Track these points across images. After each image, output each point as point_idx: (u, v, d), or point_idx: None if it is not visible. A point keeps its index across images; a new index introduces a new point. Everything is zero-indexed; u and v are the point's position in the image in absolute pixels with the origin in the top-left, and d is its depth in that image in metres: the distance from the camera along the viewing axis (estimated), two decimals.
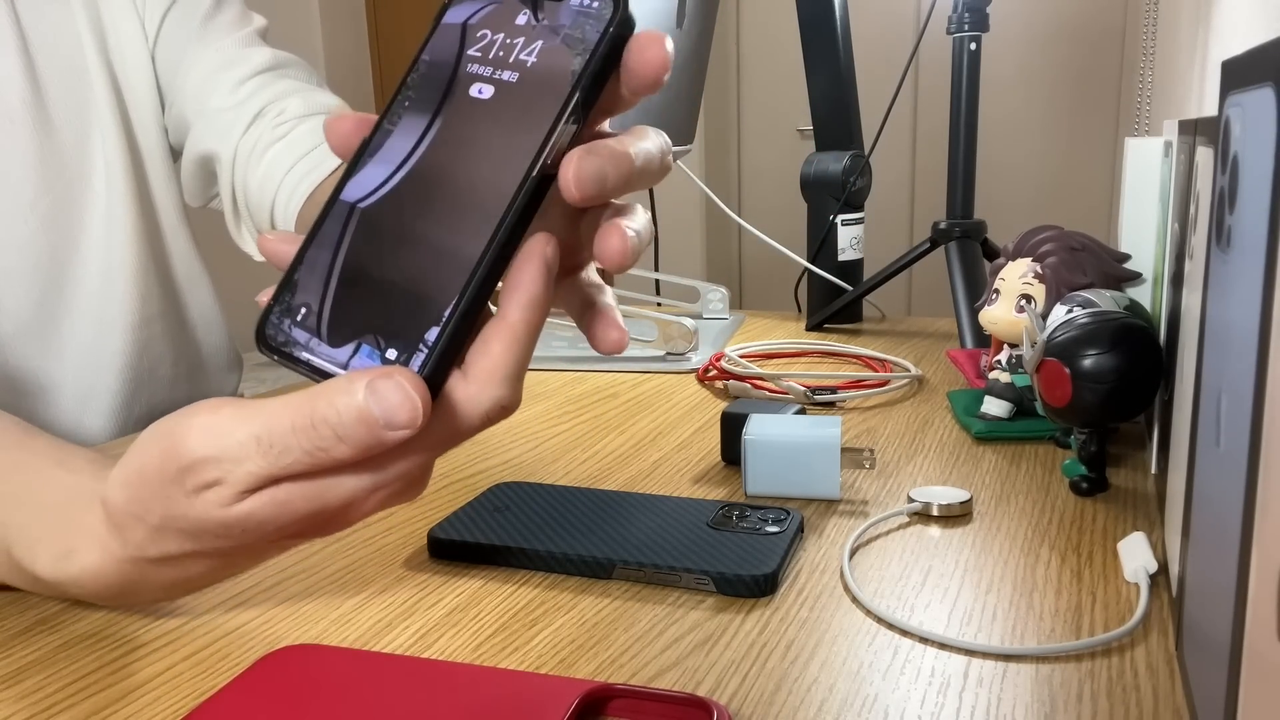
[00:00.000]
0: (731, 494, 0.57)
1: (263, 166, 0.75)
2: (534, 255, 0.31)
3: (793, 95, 3.38)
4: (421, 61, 0.33)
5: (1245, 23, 0.83)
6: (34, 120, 0.71)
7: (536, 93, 0.31)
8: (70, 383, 0.75)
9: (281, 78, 0.78)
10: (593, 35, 0.31)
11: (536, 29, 0.32)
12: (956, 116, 0.95)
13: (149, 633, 0.42)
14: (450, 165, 0.32)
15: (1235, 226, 0.28)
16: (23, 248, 0.71)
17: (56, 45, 0.73)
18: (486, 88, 0.32)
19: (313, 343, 0.31)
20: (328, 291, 0.32)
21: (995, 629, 0.41)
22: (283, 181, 0.75)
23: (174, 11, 0.77)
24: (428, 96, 0.33)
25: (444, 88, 0.33)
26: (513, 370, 0.31)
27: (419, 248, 0.31)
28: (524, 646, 0.41)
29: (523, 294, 0.31)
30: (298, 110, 0.76)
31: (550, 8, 0.32)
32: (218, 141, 0.76)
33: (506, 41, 0.33)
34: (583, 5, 0.32)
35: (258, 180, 0.76)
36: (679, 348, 0.90)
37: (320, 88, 0.80)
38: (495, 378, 0.31)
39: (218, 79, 0.77)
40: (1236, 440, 0.27)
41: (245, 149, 0.76)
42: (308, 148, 0.75)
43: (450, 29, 0.34)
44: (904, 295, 3.37)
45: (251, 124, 0.76)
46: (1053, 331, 0.54)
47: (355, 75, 3.65)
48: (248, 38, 0.79)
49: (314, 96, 0.78)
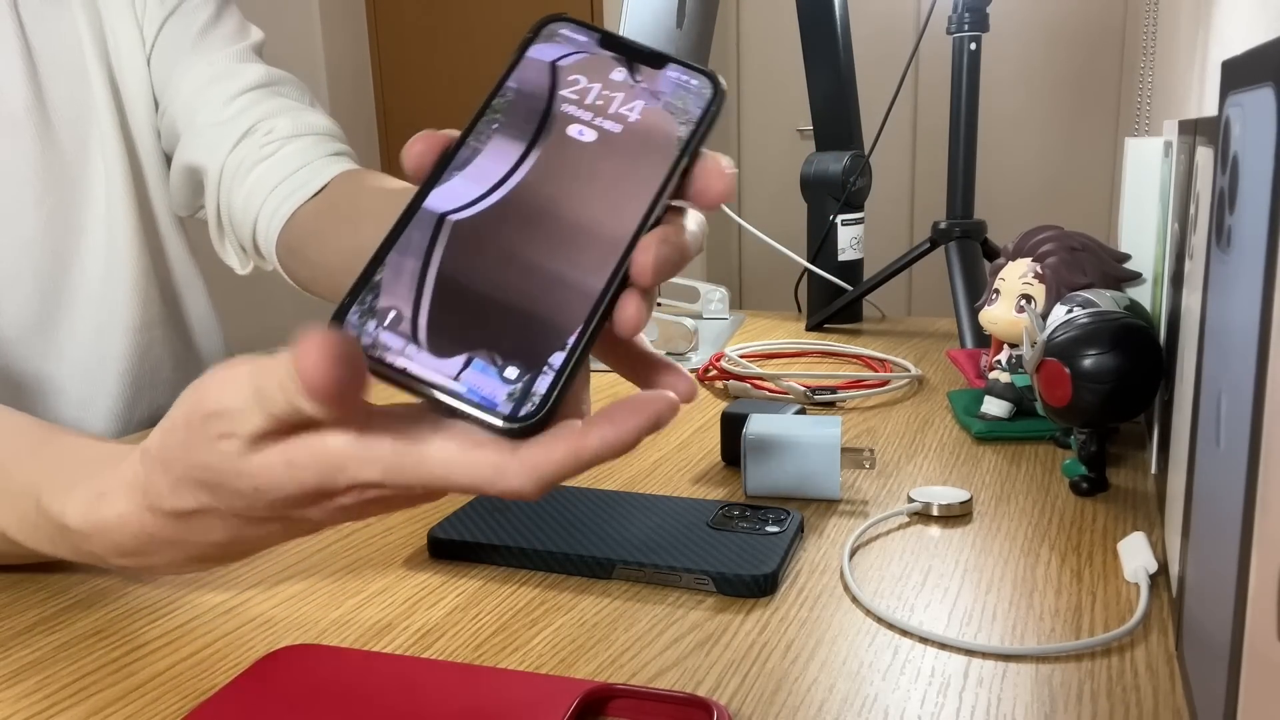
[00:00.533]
0: (731, 494, 0.57)
1: (247, 185, 0.75)
2: (649, 409, 0.30)
3: (793, 95, 3.38)
4: (508, 88, 0.34)
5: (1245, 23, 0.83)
6: (35, 124, 0.71)
7: (643, 150, 0.33)
8: (71, 386, 0.75)
9: (273, 95, 0.78)
10: (695, 109, 0.34)
11: (635, 89, 0.34)
12: (956, 116, 0.95)
13: (149, 633, 0.42)
14: (559, 198, 0.32)
15: (1235, 226, 0.28)
16: (23, 251, 0.71)
17: (58, 49, 0.73)
18: (588, 131, 0.34)
19: (409, 349, 0.30)
20: (422, 299, 0.31)
21: (995, 629, 0.41)
22: (266, 201, 0.74)
23: (173, 20, 0.77)
24: (519, 125, 0.34)
25: (538, 120, 0.34)
26: (550, 477, 0.30)
27: (532, 272, 0.31)
28: (524, 646, 0.41)
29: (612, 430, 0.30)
30: (286, 130, 0.76)
31: (648, 73, 0.35)
32: (205, 156, 0.76)
33: (604, 92, 0.34)
34: (681, 79, 0.34)
35: (241, 198, 0.75)
36: (679, 348, 0.90)
37: (312, 107, 0.79)
38: (534, 473, 0.30)
39: (209, 92, 0.76)
40: (1236, 440, 0.27)
41: (232, 166, 0.76)
42: (293, 168, 0.74)
43: (538, 64, 0.35)
44: (904, 295, 3.37)
45: (240, 141, 0.76)
46: (1053, 331, 0.54)
47: (355, 76, 3.65)
48: (243, 52, 0.79)
49: (304, 117, 0.77)
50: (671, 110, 0.34)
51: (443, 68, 3.61)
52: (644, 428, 0.30)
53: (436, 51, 3.61)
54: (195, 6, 0.78)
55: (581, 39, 0.36)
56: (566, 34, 0.36)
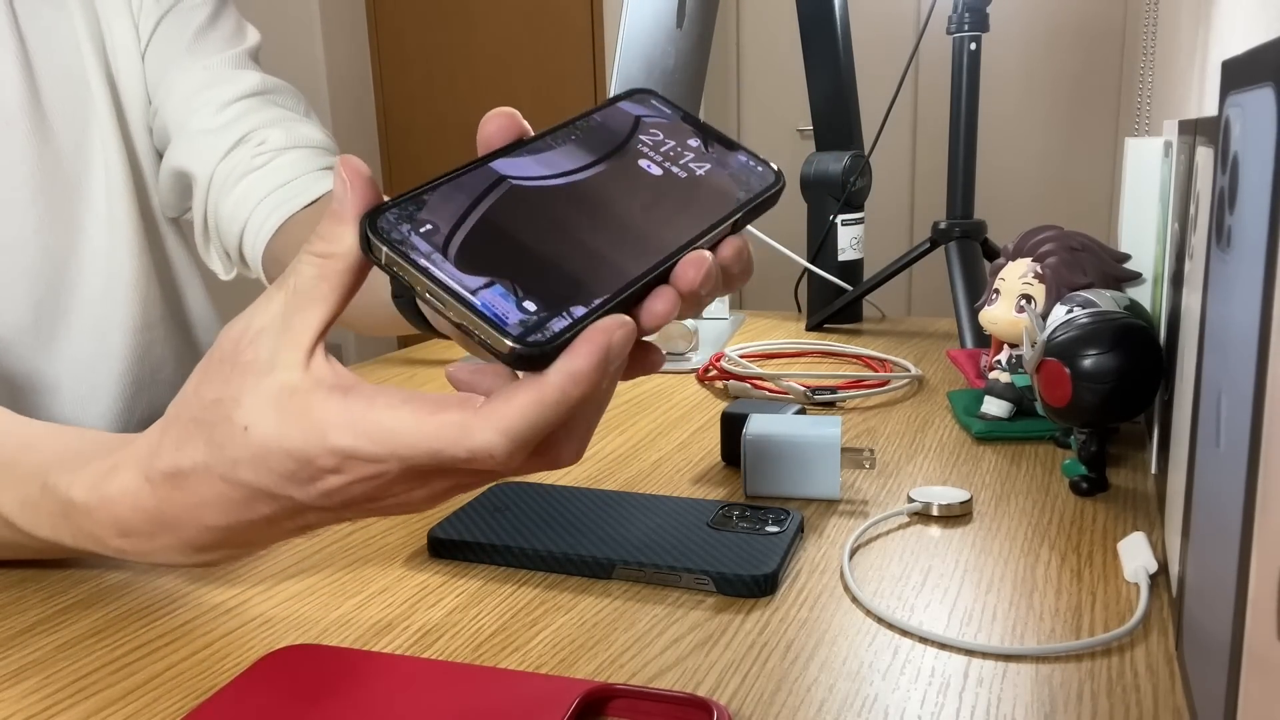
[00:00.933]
0: (731, 494, 0.57)
1: (236, 194, 0.75)
2: (599, 332, 0.30)
3: (793, 95, 3.38)
4: (594, 119, 0.38)
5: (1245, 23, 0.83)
6: (32, 124, 0.71)
7: (701, 195, 0.37)
8: (70, 386, 0.75)
9: (268, 104, 0.77)
10: (755, 186, 0.38)
11: (706, 155, 0.39)
12: (956, 116, 0.95)
13: (149, 633, 0.42)
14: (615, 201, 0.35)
15: (1235, 226, 0.28)
16: (21, 251, 0.71)
17: (55, 49, 0.73)
18: (655, 167, 0.37)
19: (435, 256, 0.31)
20: (462, 224, 0.32)
21: (995, 629, 0.41)
22: (254, 211, 0.74)
23: (169, 18, 0.77)
24: (596, 142, 0.37)
25: (613, 145, 0.38)
26: (517, 428, 0.30)
27: (573, 242, 0.33)
28: (524, 646, 0.41)
29: (569, 362, 0.30)
30: (279, 142, 0.75)
31: (720, 150, 0.39)
32: (196, 162, 0.76)
33: (677, 149, 0.39)
34: (749, 163, 0.39)
35: (229, 206, 0.75)
36: (679, 348, 0.90)
37: (307, 117, 0.79)
38: (498, 424, 0.30)
39: (203, 98, 0.76)
40: (1236, 440, 0.27)
41: (222, 174, 0.75)
42: (284, 180, 0.74)
43: (624, 113, 0.39)
44: (904, 295, 3.37)
45: (231, 150, 0.75)
46: (1053, 331, 0.54)
47: (356, 79, 3.65)
48: (238, 57, 0.78)
49: (298, 129, 0.77)
50: (734, 179, 0.38)
51: (443, 71, 3.61)
52: (599, 352, 0.30)
53: (437, 55, 3.61)
54: (192, 6, 0.78)
55: (667, 110, 0.41)
56: (654, 103, 0.41)
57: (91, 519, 0.38)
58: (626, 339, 0.30)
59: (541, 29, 3.47)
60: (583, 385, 0.30)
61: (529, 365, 0.30)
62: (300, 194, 0.74)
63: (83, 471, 0.38)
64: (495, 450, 0.30)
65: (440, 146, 3.65)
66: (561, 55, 3.45)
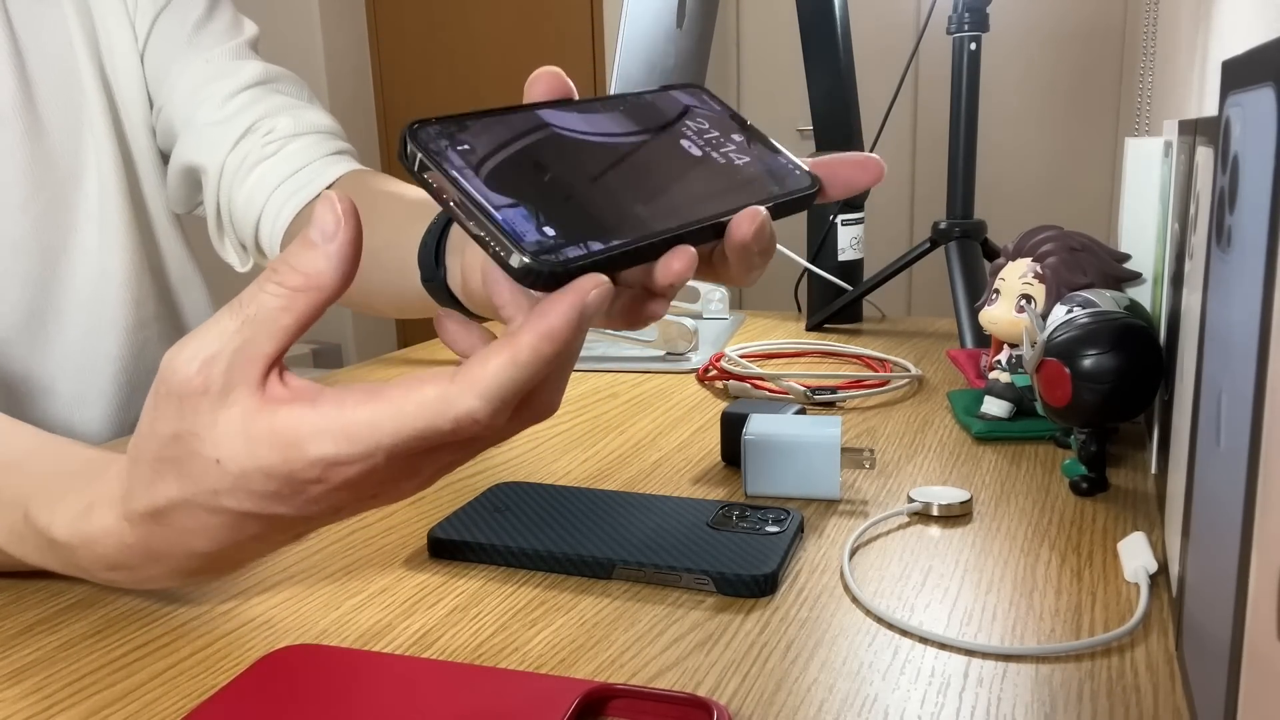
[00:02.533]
0: (731, 494, 0.57)
1: (249, 183, 0.75)
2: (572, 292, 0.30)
3: (793, 95, 3.38)
4: (644, 96, 0.40)
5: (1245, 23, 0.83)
6: (24, 122, 0.71)
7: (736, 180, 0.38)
8: (63, 386, 0.75)
9: (273, 93, 0.77)
10: (791, 185, 0.39)
11: (747, 150, 0.40)
12: (956, 116, 0.95)
13: (149, 633, 0.42)
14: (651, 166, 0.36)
15: (1235, 226, 0.28)
16: (13, 250, 0.71)
17: (48, 47, 0.73)
18: (695, 149, 0.39)
19: (467, 171, 0.31)
20: (499, 152, 0.32)
21: (995, 629, 0.41)
22: (270, 198, 0.74)
23: (165, 15, 0.77)
24: (642, 117, 0.38)
25: (658, 123, 0.39)
26: (496, 389, 0.30)
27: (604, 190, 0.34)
28: (524, 646, 0.41)
29: (542, 321, 0.30)
30: (288, 129, 0.75)
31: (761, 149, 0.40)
32: (205, 155, 0.76)
33: (720, 138, 0.40)
34: (789, 165, 0.40)
35: (244, 196, 0.75)
36: (679, 348, 0.90)
37: (310, 104, 0.79)
38: (475, 388, 0.30)
39: (207, 91, 0.76)
40: (1236, 440, 0.27)
41: (233, 164, 0.75)
42: (296, 166, 0.74)
43: (674, 99, 0.41)
44: (904, 295, 3.37)
45: (240, 140, 0.75)
46: (1053, 331, 0.54)
47: (355, 75, 3.65)
48: (239, 49, 0.78)
49: (304, 115, 0.77)
50: (771, 174, 0.39)
51: (443, 67, 3.61)
52: (572, 310, 0.30)
53: (436, 50, 3.61)
54: (187, 2, 0.77)
55: (716, 106, 0.42)
56: (705, 97, 0.42)
57: (76, 556, 0.37)
58: (601, 298, 0.30)
59: (541, 29, 3.47)
60: (556, 343, 0.30)
61: (538, 282, 0.30)
62: (314, 180, 0.74)
63: (60, 507, 0.37)
64: (478, 414, 0.30)
65: None
66: (561, 54, 3.45)
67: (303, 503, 0.32)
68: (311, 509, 0.33)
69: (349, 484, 0.32)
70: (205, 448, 0.32)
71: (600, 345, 0.94)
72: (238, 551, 0.36)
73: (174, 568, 0.36)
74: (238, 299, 0.32)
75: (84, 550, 0.37)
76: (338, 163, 0.75)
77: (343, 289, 0.32)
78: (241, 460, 0.31)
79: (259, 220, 0.75)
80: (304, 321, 0.32)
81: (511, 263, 0.30)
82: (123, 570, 0.37)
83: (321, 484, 0.32)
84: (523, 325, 0.30)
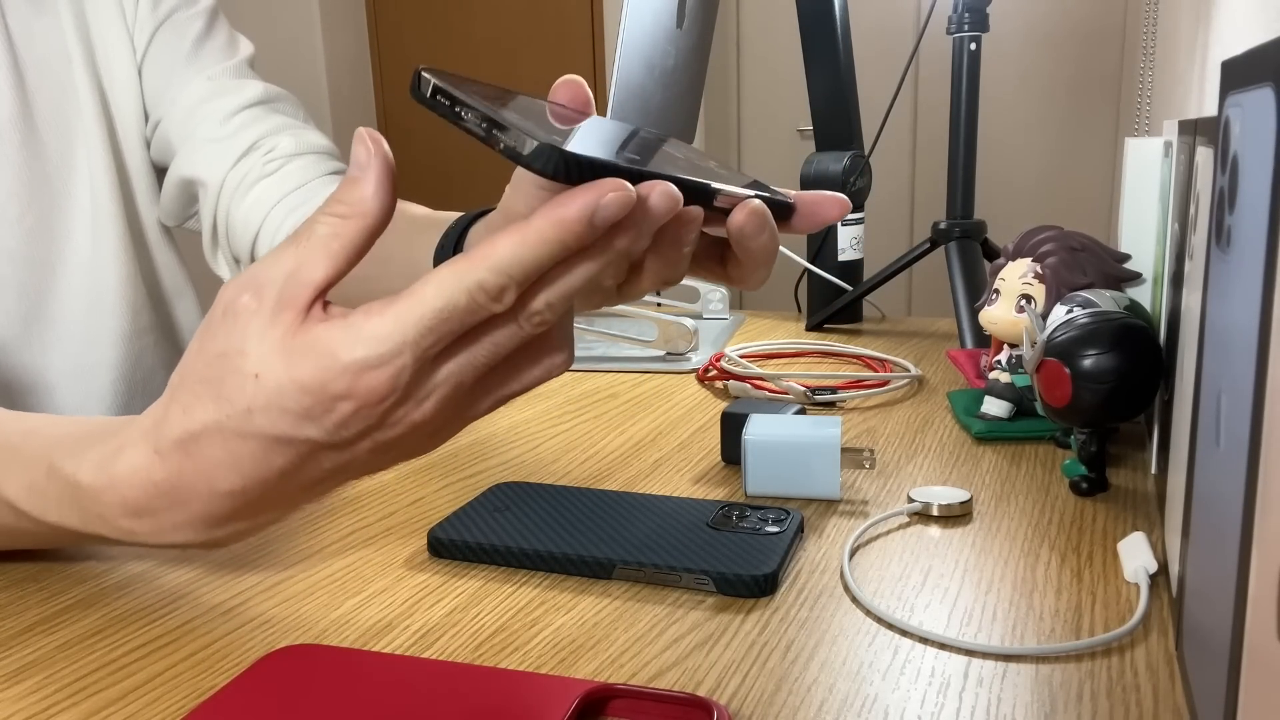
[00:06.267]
0: (731, 494, 0.57)
1: (250, 199, 0.76)
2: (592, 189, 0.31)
3: (793, 95, 3.38)
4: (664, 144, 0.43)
5: (1245, 23, 0.83)
6: (20, 135, 0.71)
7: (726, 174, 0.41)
8: (60, 396, 0.75)
9: (273, 113, 0.79)
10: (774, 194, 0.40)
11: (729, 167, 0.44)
12: (956, 116, 0.95)
13: (149, 633, 0.42)
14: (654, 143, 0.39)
15: (1235, 226, 0.28)
16: (9, 261, 0.71)
17: (44, 59, 0.73)
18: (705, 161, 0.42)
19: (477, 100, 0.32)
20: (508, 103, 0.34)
21: (995, 629, 0.41)
22: (270, 214, 0.76)
23: (165, 30, 0.78)
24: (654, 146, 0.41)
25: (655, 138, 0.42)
26: (503, 262, 0.31)
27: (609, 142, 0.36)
28: (524, 646, 0.41)
29: (556, 207, 0.31)
30: (289, 149, 0.77)
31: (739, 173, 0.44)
32: (205, 170, 0.77)
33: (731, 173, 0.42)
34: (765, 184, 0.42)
35: (243, 211, 0.76)
36: (679, 348, 0.90)
37: (307, 124, 0.81)
38: (486, 261, 0.31)
39: (209, 107, 0.77)
40: (1236, 440, 0.27)
41: (234, 181, 0.77)
42: (295, 185, 0.76)
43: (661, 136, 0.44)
44: (904, 295, 3.37)
45: (242, 157, 0.77)
46: (1053, 331, 0.54)
47: (355, 75, 3.65)
48: (239, 67, 0.80)
49: (304, 135, 0.79)
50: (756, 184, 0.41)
51: (442, 67, 3.60)
52: (587, 204, 0.31)
53: (436, 51, 3.61)
54: (187, 18, 0.79)
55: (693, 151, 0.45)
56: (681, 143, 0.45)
57: (100, 501, 0.38)
58: (618, 203, 0.31)
59: (541, 29, 3.47)
60: (564, 230, 0.31)
61: (549, 169, 0.31)
62: (312, 198, 0.76)
63: (88, 454, 0.38)
64: (490, 285, 0.32)
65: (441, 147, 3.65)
66: (561, 55, 3.45)
67: (332, 425, 0.33)
68: (339, 432, 0.34)
69: (377, 399, 0.33)
70: (248, 363, 0.33)
71: (600, 346, 0.94)
72: (260, 494, 0.36)
73: (196, 513, 0.36)
74: (294, 233, 0.35)
75: (109, 493, 0.37)
76: (334, 182, 0.77)
77: (385, 216, 0.34)
78: (279, 373, 0.33)
79: (258, 234, 0.76)
80: (351, 249, 0.34)
81: (525, 150, 0.30)
82: (146, 518, 0.37)
83: (350, 399, 0.33)
84: (538, 210, 0.32)
